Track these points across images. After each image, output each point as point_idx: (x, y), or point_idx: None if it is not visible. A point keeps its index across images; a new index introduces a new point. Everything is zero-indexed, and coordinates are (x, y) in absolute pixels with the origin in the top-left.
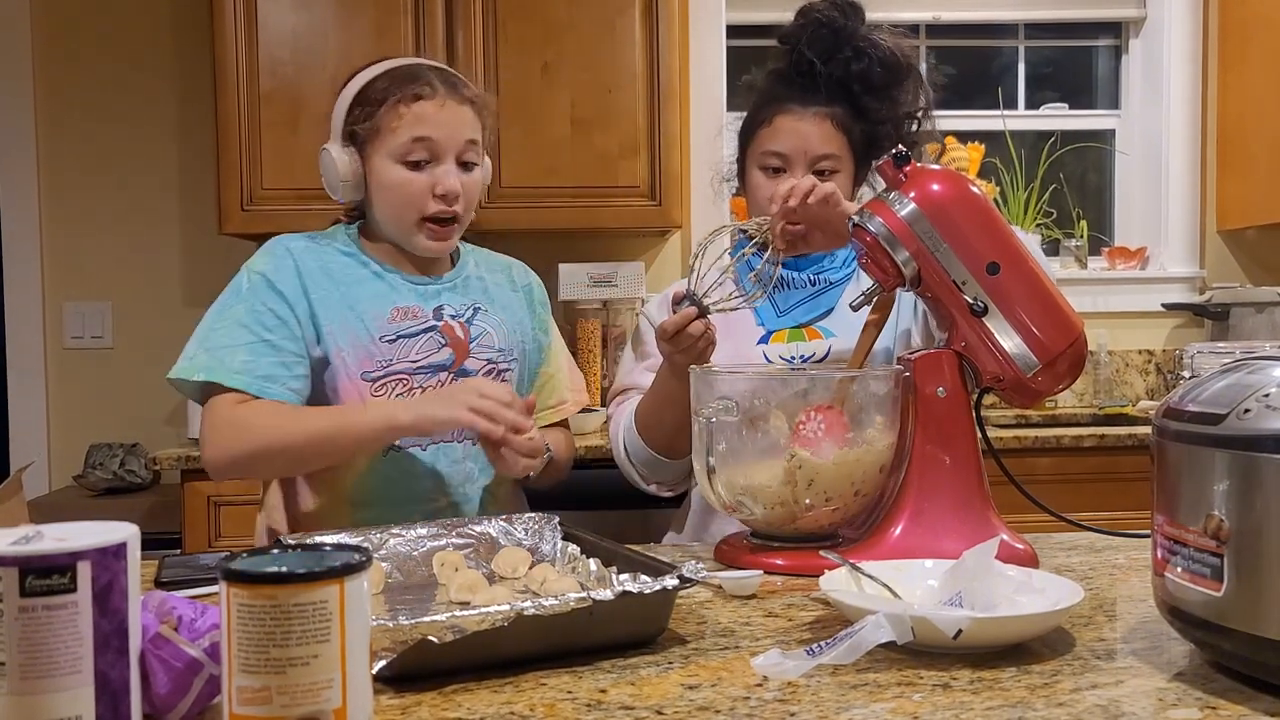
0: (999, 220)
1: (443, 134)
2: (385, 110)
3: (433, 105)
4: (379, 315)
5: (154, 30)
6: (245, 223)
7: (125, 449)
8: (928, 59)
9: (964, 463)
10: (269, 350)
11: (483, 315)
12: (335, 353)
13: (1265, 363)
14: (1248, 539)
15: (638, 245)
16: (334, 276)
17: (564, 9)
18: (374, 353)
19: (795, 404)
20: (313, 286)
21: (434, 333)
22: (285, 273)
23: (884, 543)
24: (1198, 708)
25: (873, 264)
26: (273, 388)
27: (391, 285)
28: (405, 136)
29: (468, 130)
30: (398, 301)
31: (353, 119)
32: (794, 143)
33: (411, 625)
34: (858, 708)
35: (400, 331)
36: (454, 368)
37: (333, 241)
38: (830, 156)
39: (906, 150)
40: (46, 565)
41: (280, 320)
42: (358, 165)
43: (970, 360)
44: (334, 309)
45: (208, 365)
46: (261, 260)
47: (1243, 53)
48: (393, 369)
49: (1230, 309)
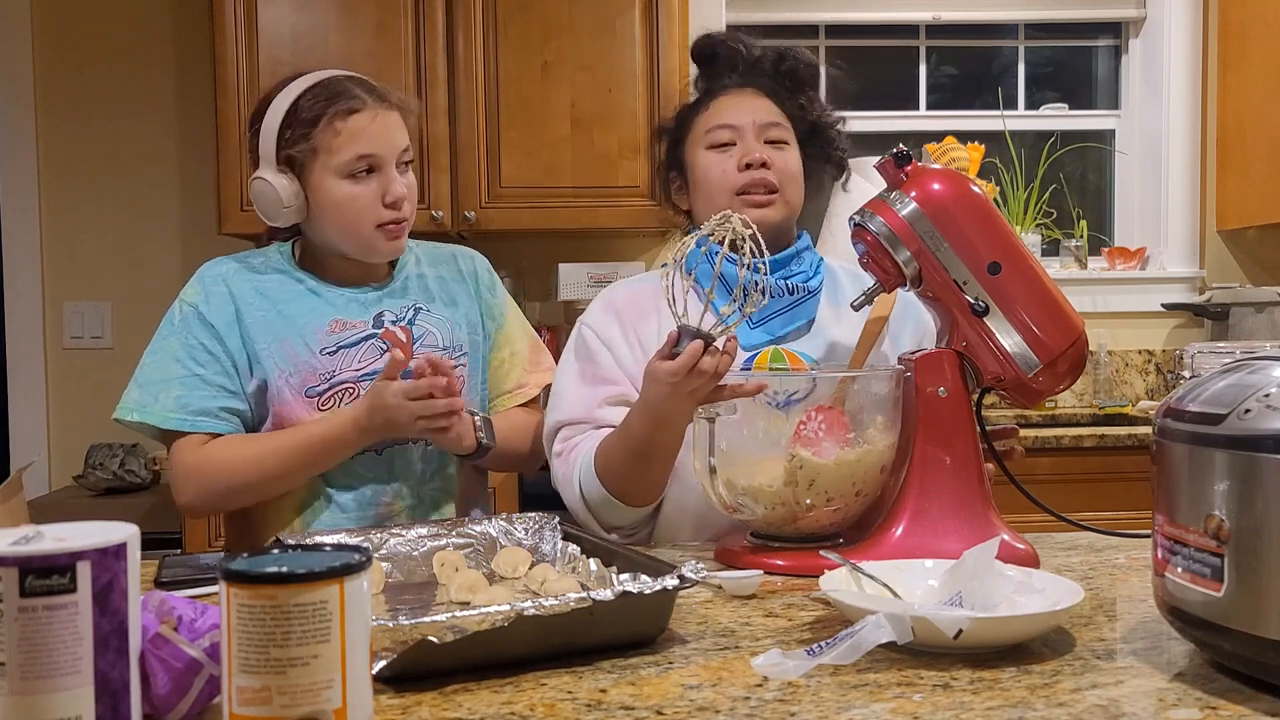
0: (1000, 220)
1: (382, 145)
2: (321, 129)
3: (366, 117)
4: (317, 329)
5: (154, 30)
6: (245, 223)
7: (125, 449)
8: (928, 59)
9: (965, 463)
10: (200, 384)
11: (423, 315)
12: (277, 374)
13: (1265, 363)
14: (1248, 539)
15: (638, 245)
16: (268, 296)
17: (564, 9)
18: (316, 367)
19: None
20: (246, 311)
21: (374, 340)
22: (217, 300)
23: (885, 543)
24: (1198, 708)
25: (873, 263)
26: (205, 421)
27: (328, 300)
28: (349, 154)
29: (402, 137)
30: (335, 314)
31: (284, 143)
32: (740, 114)
33: (411, 625)
34: (858, 708)
35: (340, 342)
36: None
37: (267, 261)
38: (779, 125)
39: (907, 150)
40: (47, 565)
41: (211, 355)
42: (298, 188)
43: (971, 360)
44: (270, 329)
45: (140, 404)
46: (193, 290)
47: (1243, 53)
48: (337, 380)
49: (1230, 309)
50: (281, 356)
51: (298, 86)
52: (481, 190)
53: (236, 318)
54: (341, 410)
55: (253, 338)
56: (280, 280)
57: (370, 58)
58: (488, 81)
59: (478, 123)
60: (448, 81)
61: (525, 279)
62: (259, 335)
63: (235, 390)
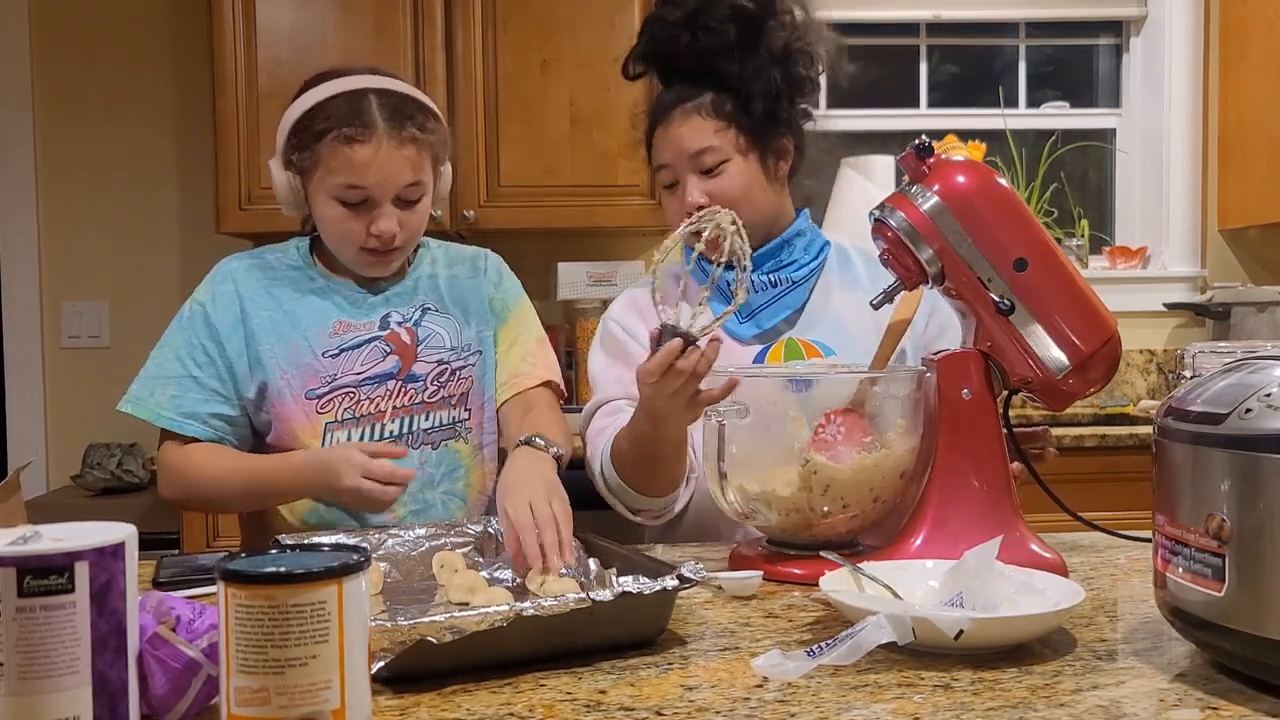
0: (1027, 214)
1: (376, 182)
2: (323, 147)
3: (368, 150)
4: (321, 330)
5: (152, 29)
6: (243, 222)
7: (123, 449)
8: (928, 58)
9: (990, 470)
10: (194, 386)
11: (432, 315)
12: (278, 375)
13: (1266, 362)
14: (1249, 539)
15: (637, 244)
16: (275, 295)
17: (563, 6)
18: (318, 369)
19: (813, 406)
20: (252, 310)
21: (378, 342)
22: (224, 300)
23: (904, 552)
24: (1199, 708)
25: (894, 260)
26: (192, 425)
27: (336, 301)
28: (341, 180)
29: (405, 175)
30: (340, 315)
31: (291, 146)
32: (671, 151)
33: (410, 626)
34: (858, 708)
35: (343, 345)
36: (401, 374)
37: (283, 257)
38: (708, 150)
39: (928, 140)
40: (44, 565)
41: (209, 358)
42: (298, 187)
43: (997, 361)
44: (274, 330)
45: (137, 397)
46: (203, 289)
47: (1243, 52)
48: (337, 383)
49: (1231, 308)
50: (284, 357)
51: (324, 91)
52: (480, 189)
53: (241, 318)
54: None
55: (256, 338)
56: (291, 278)
57: (369, 56)
58: (486, 80)
59: (476, 121)
60: (446, 80)
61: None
62: (263, 335)
63: (228, 396)
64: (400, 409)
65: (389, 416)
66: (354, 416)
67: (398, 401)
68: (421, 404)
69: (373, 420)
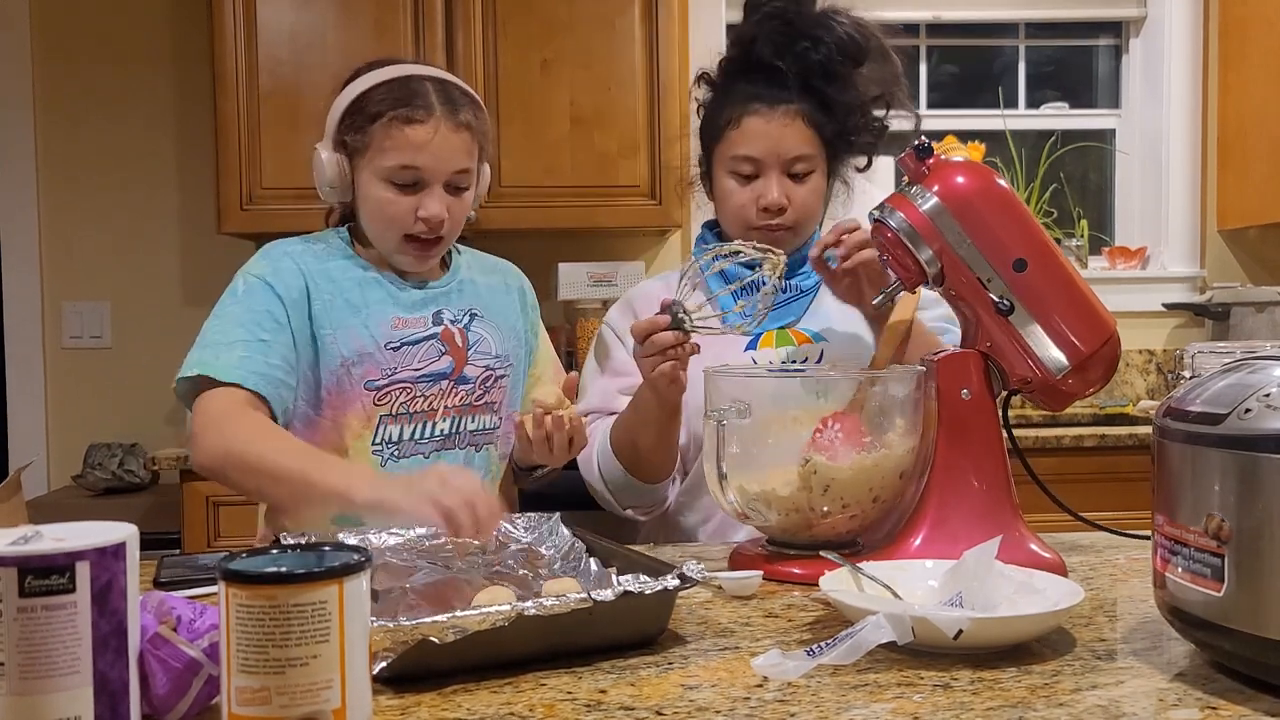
0: (1026, 214)
1: (432, 163)
2: (377, 128)
3: (425, 131)
4: (383, 321)
5: (153, 30)
6: (244, 222)
7: (124, 449)
8: (928, 59)
9: (990, 469)
10: (264, 349)
11: (479, 321)
12: (339, 362)
13: (1266, 362)
14: (1248, 539)
15: (637, 245)
16: (336, 280)
17: (563, 7)
18: (380, 361)
19: (813, 406)
20: (316, 291)
21: (434, 340)
22: (287, 275)
23: (904, 552)
24: (1198, 708)
25: (894, 261)
26: (265, 386)
27: (392, 292)
28: (394, 161)
29: (460, 159)
30: (400, 307)
31: (344, 128)
32: (765, 145)
33: (411, 625)
34: (858, 708)
35: (404, 339)
36: (454, 375)
37: (328, 247)
38: (804, 158)
39: (927, 141)
40: (45, 565)
41: (277, 324)
42: (346, 171)
43: (997, 361)
44: (337, 315)
45: (201, 360)
46: (260, 264)
47: (1243, 52)
48: (397, 378)
49: (1231, 309)
50: (347, 343)
51: (378, 76)
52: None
53: (306, 295)
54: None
55: (318, 320)
56: (344, 266)
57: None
58: (487, 80)
59: None
60: None
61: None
62: (324, 319)
63: (293, 366)
64: (451, 409)
65: (440, 415)
66: (408, 412)
67: (449, 401)
68: (469, 406)
69: (425, 418)
